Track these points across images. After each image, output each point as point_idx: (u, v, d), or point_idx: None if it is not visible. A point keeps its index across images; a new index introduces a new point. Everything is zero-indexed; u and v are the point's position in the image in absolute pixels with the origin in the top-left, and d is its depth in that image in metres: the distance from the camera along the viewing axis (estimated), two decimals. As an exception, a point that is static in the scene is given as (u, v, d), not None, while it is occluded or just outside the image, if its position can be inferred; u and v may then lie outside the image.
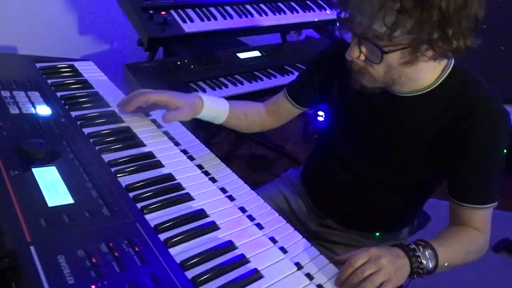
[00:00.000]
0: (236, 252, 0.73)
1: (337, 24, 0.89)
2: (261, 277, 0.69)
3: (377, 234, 1.18)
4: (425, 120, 0.95)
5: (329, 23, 2.11)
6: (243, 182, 1.06)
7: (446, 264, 0.86)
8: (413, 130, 0.97)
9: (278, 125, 1.27)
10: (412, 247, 0.82)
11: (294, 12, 2.05)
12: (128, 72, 1.65)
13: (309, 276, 0.79)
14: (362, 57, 0.86)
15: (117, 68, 1.65)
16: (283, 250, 0.85)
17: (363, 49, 0.85)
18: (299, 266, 0.81)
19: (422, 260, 0.82)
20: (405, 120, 0.98)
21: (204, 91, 1.62)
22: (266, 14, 1.95)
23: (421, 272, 0.82)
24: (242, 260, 0.71)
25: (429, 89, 0.93)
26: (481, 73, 0.94)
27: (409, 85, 0.93)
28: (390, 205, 1.12)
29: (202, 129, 2.57)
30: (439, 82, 0.92)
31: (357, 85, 0.92)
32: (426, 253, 0.83)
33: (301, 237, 0.90)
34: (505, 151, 0.93)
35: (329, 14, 2.13)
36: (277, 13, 1.98)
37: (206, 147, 1.13)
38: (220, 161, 1.13)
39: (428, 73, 0.91)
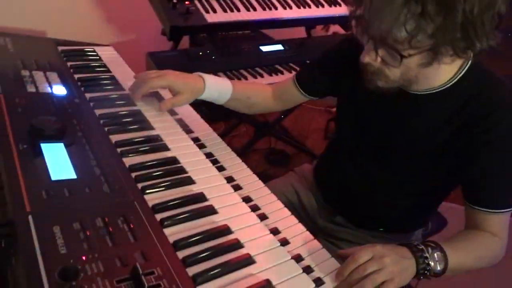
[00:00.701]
0: (231, 237, 0.73)
1: (352, 25, 0.84)
2: (253, 262, 0.69)
3: (381, 229, 1.15)
4: (439, 119, 0.91)
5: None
6: (252, 173, 1.06)
7: (456, 267, 0.83)
8: (426, 130, 0.93)
9: (282, 109, 1.28)
10: (421, 247, 0.80)
11: (320, 7, 2.02)
12: (150, 60, 1.67)
13: (309, 268, 0.78)
14: (379, 59, 0.83)
15: (140, 56, 1.68)
16: (285, 241, 0.85)
17: (381, 52, 0.81)
18: (299, 258, 0.80)
19: (430, 262, 0.79)
20: (418, 119, 0.94)
21: (223, 81, 1.63)
22: (290, 7, 1.93)
23: (428, 274, 0.80)
24: (235, 244, 0.71)
25: (444, 87, 0.89)
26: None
27: (424, 84, 0.89)
28: (401, 206, 1.09)
29: (223, 121, 2.59)
30: (455, 80, 0.88)
31: (371, 86, 0.88)
32: (435, 255, 0.80)
33: (305, 229, 0.89)
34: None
35: (355, 9, 2.09)
36: (301, 7, 1.96)
37: (221, 138, 1.13)
38: (231, 150, 1.13)
39: (445, 71, 0.87)
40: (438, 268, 0.80)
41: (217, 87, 1.10)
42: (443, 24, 0.72)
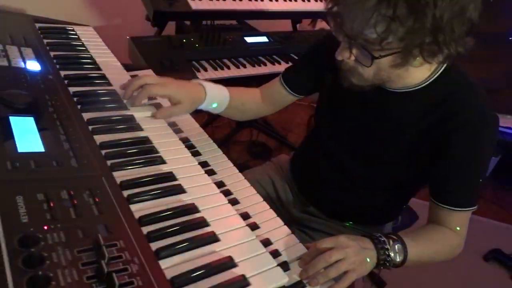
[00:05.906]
0: (197, 215, 0.73)
1: (328, 23, 0.85)
2: (217, 240, 0.69)
3: (348, 224, 1.17)
4: (413, 117, 0.93)
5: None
6: (226, 158, 1.07)
7: (415, 259, 0.85)
8: (400, 127, 0.95)
9: (273, 111, 1.25)
10: (382, 239, 0.82)
11: (306, 1, 2.03)
12: (133, 45, 1.66)
13: (276, 252, 0.79)
14: (353, 57, 0.84)
15: (124, 40, 1.66)
16: (255, 225, 0.86)
17: (354, 51, 0.82)
18: (268, 242, 0.81)
19: (390, 253, 0.81)
20: (393, 116, 0.96)
21: (205, 70, 1.63)
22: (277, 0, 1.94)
23: (388, 264, 0.82)
24: (201, 222, 0.72)
25: (419, 87, 0.91)
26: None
27: (399, 82, 0.91)
28: (372, 200, 1.11)
29: (206, 112, 2.58)
30: (430, 81, 0.90)
31: (346, 82, 0.90)
32: (396, 247, 0.82)
33: (275, 215, 0.90)
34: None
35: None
36: (288, 0, 1.97)
37: (201, 128, 1.13)
38: (208, 136, 1.14)
39: (419, 71, 0.89)
40: (398, 259, 0.82)
41: (217, 97, 1.06)
42: (412, 28, 0.73)
